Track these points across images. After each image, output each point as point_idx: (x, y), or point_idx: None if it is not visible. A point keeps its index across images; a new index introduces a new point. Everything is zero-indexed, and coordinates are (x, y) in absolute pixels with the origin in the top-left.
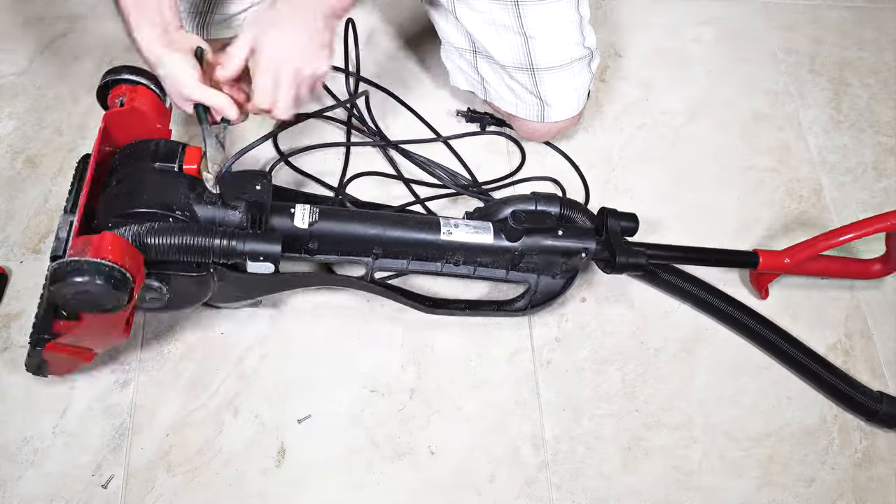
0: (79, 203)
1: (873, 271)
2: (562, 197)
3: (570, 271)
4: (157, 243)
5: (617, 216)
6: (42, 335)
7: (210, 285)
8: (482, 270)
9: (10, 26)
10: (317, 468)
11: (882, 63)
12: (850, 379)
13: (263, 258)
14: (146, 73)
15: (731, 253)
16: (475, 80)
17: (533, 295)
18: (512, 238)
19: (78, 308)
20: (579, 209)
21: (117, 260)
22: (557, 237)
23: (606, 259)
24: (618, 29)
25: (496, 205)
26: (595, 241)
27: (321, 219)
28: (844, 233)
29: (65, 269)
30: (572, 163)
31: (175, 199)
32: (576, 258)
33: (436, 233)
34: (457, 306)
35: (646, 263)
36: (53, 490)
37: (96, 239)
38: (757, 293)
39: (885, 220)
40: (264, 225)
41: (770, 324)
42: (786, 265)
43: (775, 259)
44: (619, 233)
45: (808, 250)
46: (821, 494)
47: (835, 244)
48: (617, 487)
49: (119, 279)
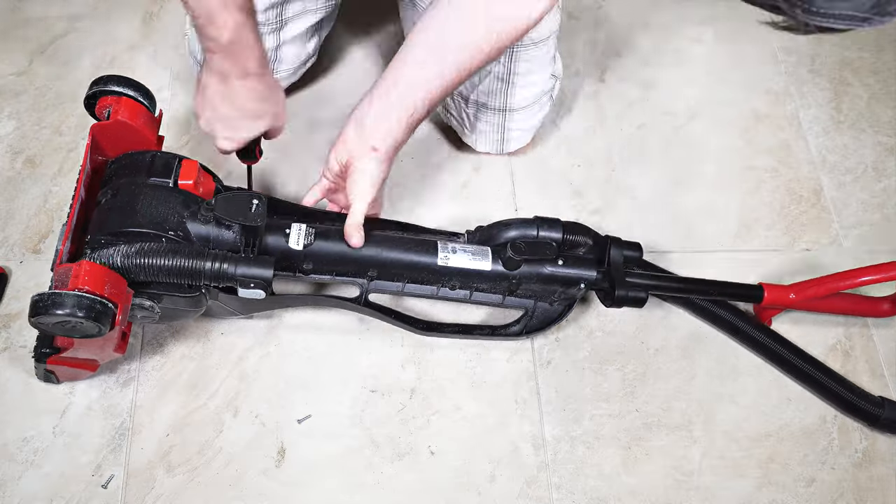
0: (70, 215)
1: (882, 310)
2: (564, 222)
3: (569, 299)
4: (147, 265)
5: (620, 245)
6: (44, 350)
7: (202, 303)
8: (478, 295)
9: (10, 26)
10: (317, 468)
11: (882, 63)
12: (851, 385)
13: (254, 285)
14: (133, 83)
15: (735, 286)
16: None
17: (529, 320)
18: (510, 267)
19: (63, 335)
20: (583, 232)
21: (96, 290)
22: (557, 266)
23: (606, 290)
24: (618, 29)
25: (497, 227)
26: (595, 271)
27: (317, 239)
28: (857, 276)
29: (44, 303)
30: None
31: (168, 217)
32: (574, 288)
33: (433, 257)
34: (451, 329)
35: (645, 298)
36: (53, 490)
37: (75, 269)
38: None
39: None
40: (257, 247)
41: (770, 331)
42: (791, 301)
43: (781, 294)
44: (621, 264)
45: (816, 289)
46: (821, 494)
47: (845, 287)
48: (617, 487)
49: (99, 310)
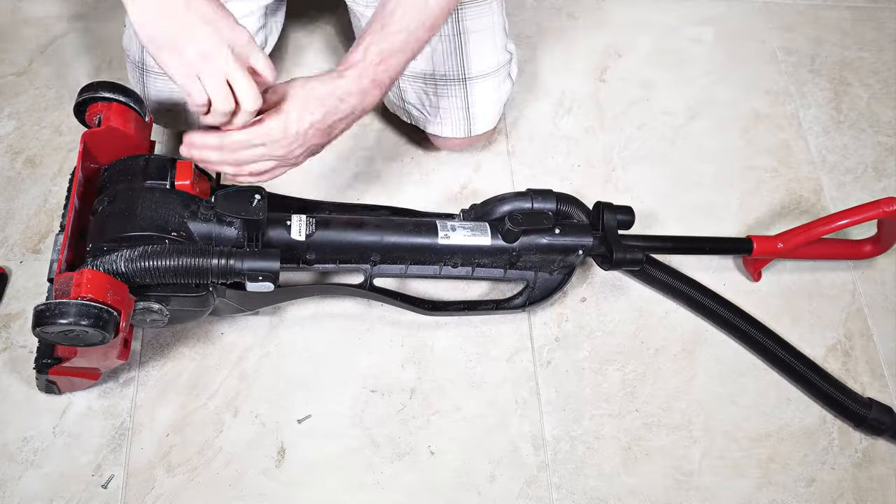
0: (66, 224)
1: (864, 252)
2: (557, 192)
3: (568, 267)
4: (153, 267)
5: (613, 210)
6: (45, 360)
7: (210, 301)
8: (480, 271)
9: (10, 26)
10: (317, 468)
11: (882, 63)
12: (840, 385)
13: (262, 277)
14: (123, 88)
15: (725, 241)
16: (398, 106)
17: (531, 292)
18: (509, 240)
19: (66, 344)
20: (575, 203)
21: (99, 297)
22: (554, 235)
23: (603, 255)
24: (618, 29)
25: (492, 203)
26: (592, 237)
27: (318, 229)
28: (838, 219)
29: (47, 313)
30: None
31: (169, 218)
32: (573, 255)
33: (433, 237)
34: (456, 307)
35: (642, 258)
36: (53, 490)
37: (77, 277)
38: (750, 276)
39: (877, 206)
40: (261, 241)
41: (762, 327)
42: (779, 250)
43: (769, 244)
44: (615, 228)
45: (802, 236)
46: (821, 494)
47: (828, 230)
48: (617, 487)
49: (102, 318)
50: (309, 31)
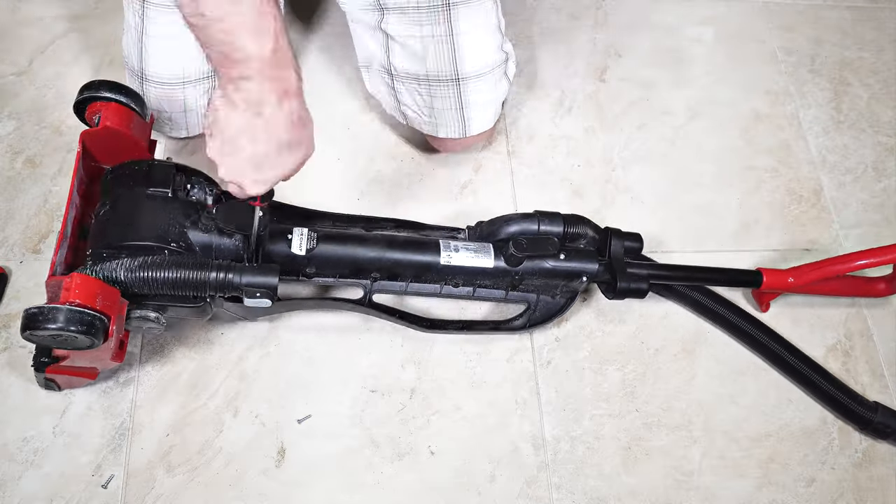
0: (61, 228)
1: (878, 290)
2: (565, 215)
3: (571, 292)
4: (151, 278)
5: (621, 236)
6: (42, 359)
7: (208, 311)
8: (481, 292)
9: (10, 26)
10: (317, 468)
11: (882, 63)
12: (846, 388)
13: (260, 294)
14: (122, 87)
15: (735, 272)
16: (394, 107)
17: (532, 314)
18: (512, 264)
19: (56, 347)
20: (585, 223)
21: (88, 303)
22: (559, 260)
23: (608, 282)
24: (618, 29)
25: (498, 223)
26: (597, 263)
27: (319, 243)
28: (855, 259)
29: (36, 317)
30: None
31: (169, 229)
32: (577, 281)
33: (435, 256)
34: (454, 326)
35: (647, 289)
36: (53, 490)
37: (66, 282)
38: (758, 306)
39: (894, 251)
40: (261, 254)
41: (767, 329)
42: (790, 284)
43: (779, 278)
44: (622, 255)
45: (816, 273)
46: (821, 494)
47: (844, 270)
48: (617, 487)
49: (90, 323)
50: (305, 35)
